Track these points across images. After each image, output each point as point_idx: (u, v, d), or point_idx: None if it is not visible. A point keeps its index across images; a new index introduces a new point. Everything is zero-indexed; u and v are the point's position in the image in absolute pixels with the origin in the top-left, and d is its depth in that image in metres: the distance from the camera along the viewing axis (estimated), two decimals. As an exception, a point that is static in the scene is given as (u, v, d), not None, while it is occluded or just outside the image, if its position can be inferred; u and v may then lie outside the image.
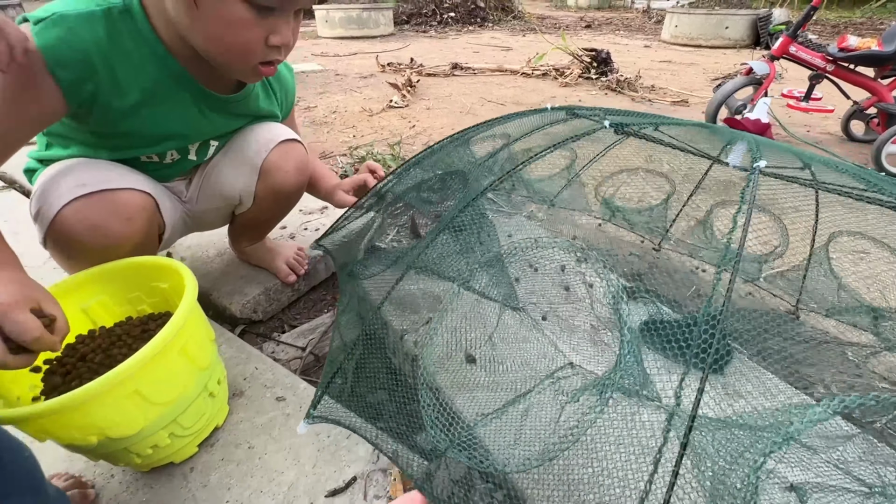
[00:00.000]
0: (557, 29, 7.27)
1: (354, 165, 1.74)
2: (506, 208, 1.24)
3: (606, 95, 3.09)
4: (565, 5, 11.93)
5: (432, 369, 0.62)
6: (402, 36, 6.38)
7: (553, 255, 0.65)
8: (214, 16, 0.54)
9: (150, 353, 0.45)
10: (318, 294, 1.01)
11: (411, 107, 2.78)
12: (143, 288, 0.62)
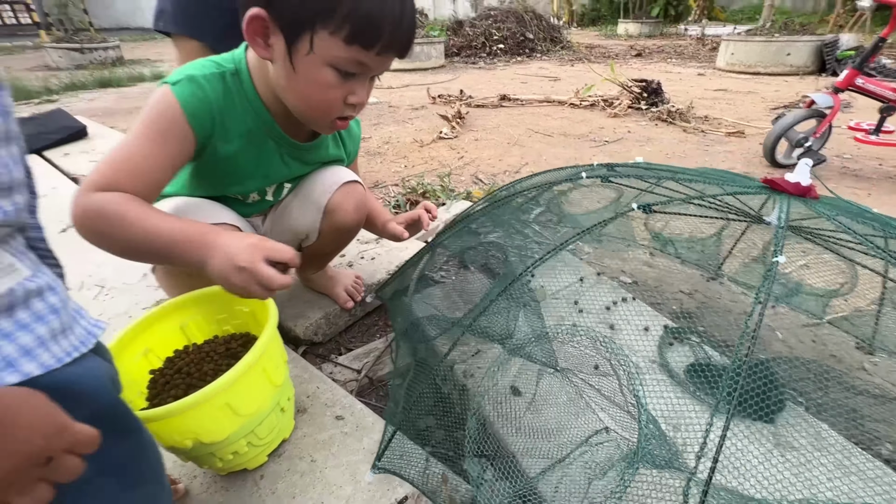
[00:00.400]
0: (607, 58, 7.29)
1: (406, 196, 1.84)
2: (551, 239, 1.27)
3: (657, 126, 3.07)
4: (615, 34, 11.93)
5: (480, 404, 0.66)
6: (453, 67, 6.64)
7: (587, 335, 0.68)
8: (307, 79, 0.65)
9: (240, 371, 0.53)
10: (371, 319, 1.08)
11: (460, 138, 2.89)
12: (228, 311, 0.72)
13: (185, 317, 0.69)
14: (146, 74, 6.27)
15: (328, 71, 0.64)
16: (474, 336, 0.72)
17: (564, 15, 15.62)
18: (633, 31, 11.41)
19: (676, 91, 4.24)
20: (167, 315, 0.67)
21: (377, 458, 0.62)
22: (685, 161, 2.35)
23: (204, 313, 0.71)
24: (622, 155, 2.47)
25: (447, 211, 1.57)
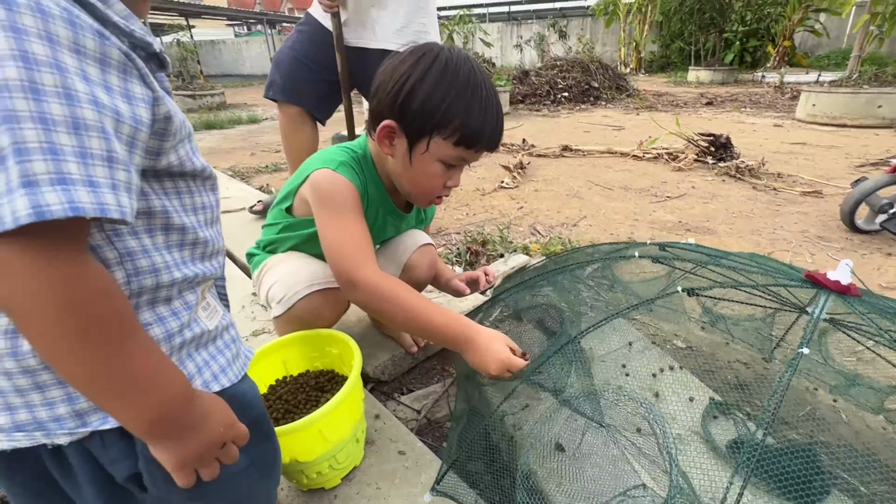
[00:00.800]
0: (675, 106, 7.21)
1: (467, 245, 1.97)
2: (603, 300, 1.33)
3: (724, 182, 3.01)
4: (685, 81, 11.75)
5: (527, 459, 0.74)
6: (516, 115, 6.89)
7: (631, 397, 0.74)
8: (420, 170, 0.84)
9: (334, 405, 0.66)
10: (430, 363, 1.20)
11: (520, 188, 3.02)
12: (320, 350, 0.87)
13: (287, 353, 0.85)
14: (243, 118, 7.13)
15: (437, 165, 0.83)
16: (526, 389, 0.81)
17: (632, 62, 15.68)
18: (704, 78, 11.18)
19: (748, 143, 4.12)
20: (274, 350, 0.83)
21: (436, 483, 0.71)
22: (752, 221, 2.30)
23: (301, 351, 0.86)
24: (685, 212, 2.47)
25: (504, 263, 1.68)
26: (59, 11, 0.29)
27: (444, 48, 0.81)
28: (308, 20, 1.84)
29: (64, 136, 0.29)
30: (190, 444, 0.39)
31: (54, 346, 0.32)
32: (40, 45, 0.28)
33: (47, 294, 0.30)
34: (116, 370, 0.34)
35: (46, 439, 0.38)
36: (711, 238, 2.11)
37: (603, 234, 2.20)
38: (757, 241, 2.07)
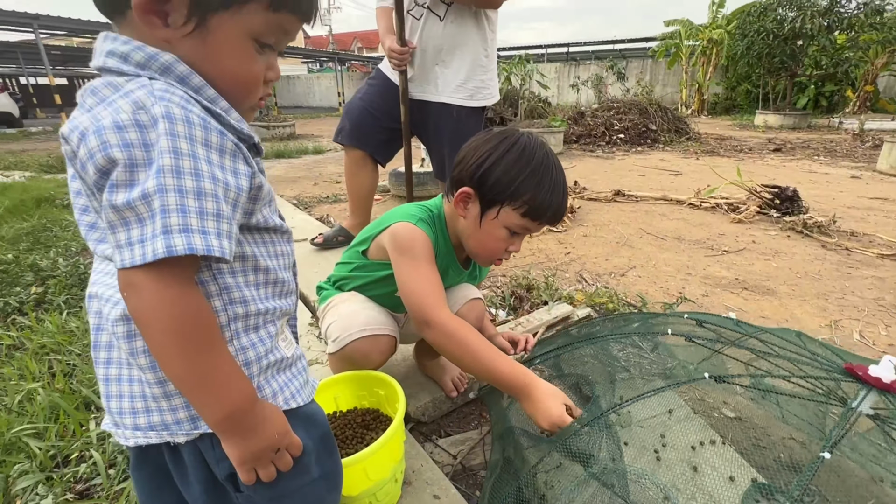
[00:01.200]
0: (738, 152, 6.94)
1: (512, 289, 2.01)
2: (643, 364, 1.31)
3: (788, 238, 2.86)
4: (751, 125, 11.29)
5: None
6: (570, 155, 6.92)
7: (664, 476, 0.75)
8: (488, 234, 0.95)
9: (379, 446, 0.72)
10: (469, 409, 1.23)
11: (569, 232, 3.03)
12: (368, 390, 0.94)
13: (338, 390, 0.93)
14: (309, 148, 7.68)
15: (503, 231, 0.93)
16: (559, 452, 0.83)
17: (694, 103, 15.31)
18: (773, 122, 10.70)
19: (820, 196, 3.89)
20: (328, 386, 0.91)
21: None
22: (819, 283, 2.16)
23: (351, 389, 0.94)
24: (742, 268, 2.37)
25: (548, 311, 1.70)
26: (198, 120, 0.43)
27: (523, 134, 0.94)
28: (378, 75, 2.03)
29: (191, 201, 0.41)
30: (250, 442, 0.48)
31: (161, 348, 0.43)
32: (185, 143, 0.41)
33: (160, 308, 0.41)
34: (201, 371, 0.44)
35: (170, 437, 0.49)
36: (771, 300, 2.01)
37: (652, 286, 2.16)
38: (823, 305, 1.95)
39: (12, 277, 2.34)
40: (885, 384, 0.62)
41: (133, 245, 0.40)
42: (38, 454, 1.12)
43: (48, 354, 1.62)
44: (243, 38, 0.47)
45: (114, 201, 0.39)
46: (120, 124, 0.39)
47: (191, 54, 0.45)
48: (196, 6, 0.43)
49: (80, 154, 0.40)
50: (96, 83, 0.44)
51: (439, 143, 1.99)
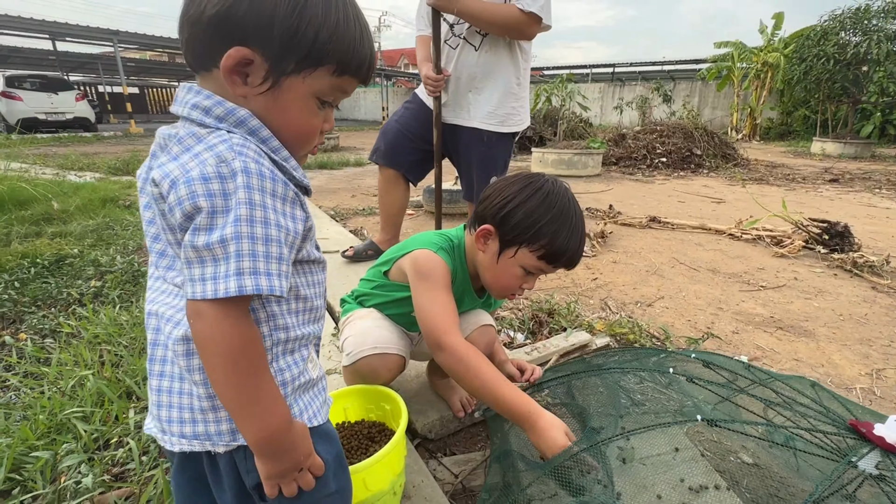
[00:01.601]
0: (790, 181, 6.61)
1: (533, 311, 2.02)
2: (666, 396, 1.28)
3: (835, 276, 2.70)
4: (807, 152, 10.72)
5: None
6: (608, 177, 6.82)
7: None
8: (504, 271, 1.00)
9: (377, 458, 0.77)
10: (476, 429, 1.26)
11: (598, 257, 2.99)
12: (375, 403, 0.99)
13: (348, 402, 0.99)
14: (351, 160, 7.97)
15: (518, 269, 0.98)
16: (551, 480, 0.84)
17: (745, 128, 14.73)
18: (831, 150, 10.12)
19: (876, 233, 3.65)
20: (339, 397, 0.97)
21: None
22: (864, 328, 2.04)
23: (359, 402, 0.99)
24: (780, 306, 2.27)
25: (565, 339, 1.70)
26: (269, 173, 0.50)
27: (549, 180, 0.99)
28: (414, 99, 2.13)
29: (260, 247, 0.48)
30: (280, 462, 0.54)
31: (216, 370, 0.49)
32: (258, 194, 0.48)
33: (221, 336, 0.48)
34: (248, 394, 0.50)
35: (211, 447, 0.55)
36: (807, 342, 1.92)
37: (679, 319, 2.11)
38: (865, 352, 1.84)
39: (76, 270, 2.58)
40: (889, 444, 0.61)
41: (206, 281, 0.46)
42: (84, 436, 1.24)
43: (100, 344, 1.78)
44: (308, 98, 0.54)
45: (195, 242, 0.46)
46: (206, 176, 0.46)
47: (262, 109, 0.52)
48: (272, 70, 0.50)
49: (169, 199, 0.47)
50: (182, 133, 0.50)
51: (469, 165, 2.05)
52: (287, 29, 0.49)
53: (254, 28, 0.48)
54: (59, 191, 4.27)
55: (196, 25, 0.49)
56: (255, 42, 0.49)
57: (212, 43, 0.49)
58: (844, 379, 1.65)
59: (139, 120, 19.86)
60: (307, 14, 0.49)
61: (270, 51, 0.49)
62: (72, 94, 13.19)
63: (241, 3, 0.48)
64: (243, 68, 0.50)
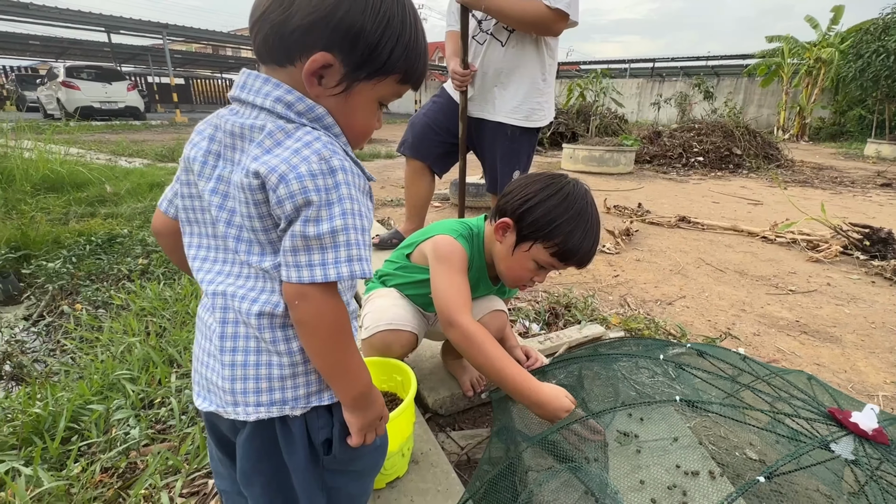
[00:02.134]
0: (837, 184, 6.29)
1: (551, 304, 2.06)
2: (668, 386, 1.31)
3: (872, 284, 2.60)
4: (860, 155, 10.10)
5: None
6: (640, 175, 6.68)
7: None
8: (518, 262, 1.06)
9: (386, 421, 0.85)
10: (485, 409, 1.32)
11: (622, 255, 2.98)
12: (388, 375, 1.07)
13: (365, 372, 1.07)
14: (381, 153, 8.12)
15: (532, 262, 1.04)
16: (545, 453, 0.90)
17: (793, 127, 14.01)
18: (887, 153, 9.51)
19: (924, 242, 3.45)
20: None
21: None
22: (895, 337, 1.97)
23: (374, 373, 1.07)
24: (808, 311, 2.21)
25: (579, 331, 1.73)
26: (356, 170, 0.57)
27: (570, 182, 1.04)
28: (442, 93, 2.19)
29: (360, 236, 0.54)
30: (368, 413, 0.63)
31: (322, 344, 0.56)
32: (354, 190, 0.55)
33: (326, 315, 0.55)
34: (346, 361, 0.58)
35: (289, 411, 0.61)
36: (832, 347, 1.87)
37: (699, 318, 2.10)
38: (892, 360, 1.78)
39: (125, 249, 2.80)
40: (862, 430, 0.63)
41: (314, 266, 0.52)
42: (132, 395, 1.38)
43: (146, 316, 1.94)
44: (373, 101, 0.60)
45: (306, 232, 0.51)
46: (314, 173, 0.52)
47: (332, 108, 0.57)
48: (348, 76, 0.55)
49: (279, 192, 0.51)
50: (270, 126, 0.54)
51: (493, 159, 2.10)
52: (370, 44, 0.54)
53: (341, 39, 0.53)
54: (111, 175, 4.59)
55: (282, 27, 0.53)
56: (338, 50, 0.53)
57: (296, 44, 0.53)
58: (867, 386, 1.62)
59: (184, 110, 20.78)
60: (388, 31, 0.54)
61: (351, 59, 0.54)
62: (124, 85, 13.98)
63: (333, 15, 0.52)
64: (322, 71, 0.54)
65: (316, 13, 0.52)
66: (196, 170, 0.59)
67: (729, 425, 1.36)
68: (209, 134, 0.59)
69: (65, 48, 19.25)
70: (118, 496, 1.06)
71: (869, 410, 0.65)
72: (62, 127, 9.30)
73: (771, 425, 0.75)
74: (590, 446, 0.87)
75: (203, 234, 0.62)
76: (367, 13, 0.53)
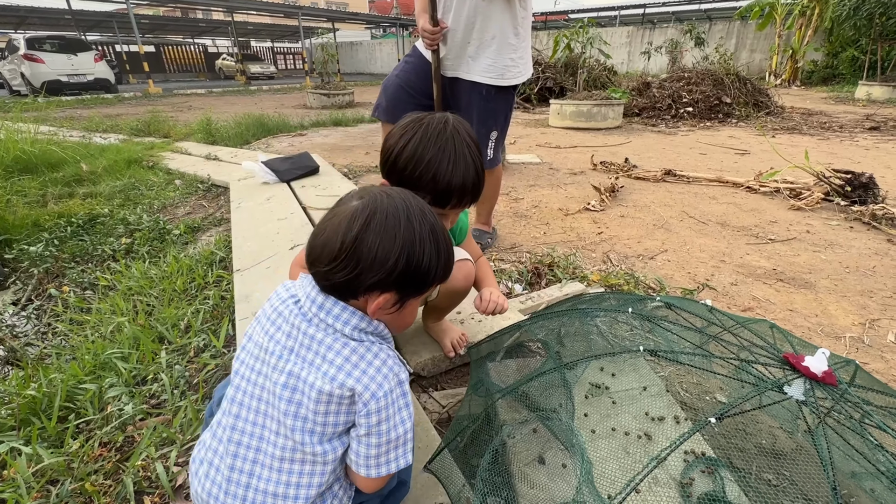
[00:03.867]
0: (825, 130, 6.26)
1: (533, 264, 2.09)
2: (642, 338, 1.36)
3: (851, 229, 2.65)
4: (851, 98, 9.99)
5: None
6: (629, 129, 6.59)
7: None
8: None
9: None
10: (466, 368, 1.37)
11: (606, 212, 3.00)
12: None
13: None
14: (366, 117, 7.90)
15: None
16: (518, 403, 0.95)
17: (785, 72, 13.73)
18: (878, 95, 9.41)
19: (905, 185, 3.49)
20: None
21: (428, 462, 0.89)
22: (868, 280, 2.03)
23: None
24: (785, 259, 2.26)
25: (560, 289, 1.77)
26: (407, 379, 0.70)
27: (424, 122, 0.99)
28: (414, 52, 2.12)
29: (409, 436, 0.69)
30: None
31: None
32: (408, 398, 0.70)
33: (380, 486, 0.73)
34: None
35: None
36: (805, 293, 1.94)
37: (679, 272, 2.14)
38: (864, 303, 1.85)
39: (108, 228, 2.77)
40: (812, 373, 0.67)
41: (390, 462, 0.68)
42: (124, 373, 1.42)
43: (133, 295, 1.95)
44: (418, 304, 0.75)
45: (390, 437, 0.67)
46: (393, 389, 0.66)
47: (386, 320, 0.72)
48: (401, 299, 0.69)
49: (370, 406, 0.65)
50: (348, 349, 0.67)
51: (469, 119, 2.06)
52: (414, 278, 0.68)
53: (393, 283, 0.67)
54: (86, 153, 4.45)
55: (351, 283, 0.65)
56: (396, 289, 0.68)
57: (364, 291, 0.67)
58: (836, 328, 1.68)
59: (158, 79, 19.90)
60: (430, 267, 0.68)
61: (402, 291, 0.68)
62: (90, 55, 13.29)
63: (393, 272, 0.65)
64: (382, 303, 0.68)
65: (381, 273, 0.65)
66: (272, 363, 0.69)
67: (700, 373, 1.43)
68: (287, 331, 0.69)
69: (22, 17, 18.10)
70: (117, 468, 1.11)
71: (820, 354, 0.69)
72: (30, 104, 8.92)
73: (735, 373, 0.80)
74: (553, 395, 0.91)
75: (255, 410, 0.71)
76: (413, 261, 0.66)
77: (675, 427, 0.99)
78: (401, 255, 0.64)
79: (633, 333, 1.29)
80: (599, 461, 0.87)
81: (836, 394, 0.68)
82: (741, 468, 1.03)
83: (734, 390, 1.35)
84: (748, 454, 1.16)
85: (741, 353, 0.80)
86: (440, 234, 0.70)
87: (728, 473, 0.87)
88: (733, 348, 0.82)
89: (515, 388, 0.86)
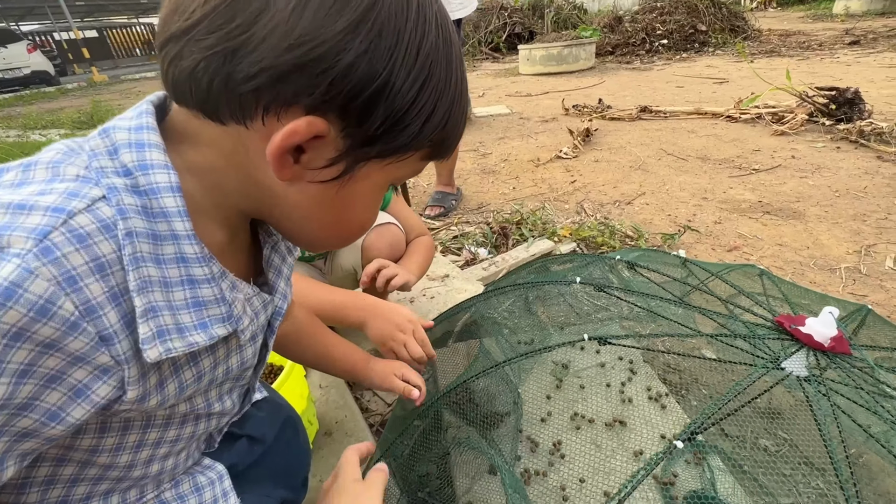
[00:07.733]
0: (805, 49, 5.99)
1: (500, 224, 1.88)
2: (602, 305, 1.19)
3: (838, 150, 2.47)
4: (829, 14, 9.62)
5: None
6: (602, 69, 6.25)
7: None
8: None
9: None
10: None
11: (580, 158, 2.78)
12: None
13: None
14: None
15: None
16: (455, 408, 0.77)
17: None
18: (856, 8, 9.05)
19: (894, 96, 3.29)
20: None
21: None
22: (860, 202, 1.87)
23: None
24: (770, 188, 2.09)
25: (526, 250, 1.58)
26: None
27: None
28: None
29: None
30: None
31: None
32: None
33: None
34: None
35: None
36: (795, 224, 1.77)
37: (659, 214, 1.96)
38: (857, 228, 1.69)
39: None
40: (818, 343, 0.49)
41: None
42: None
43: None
44: (383, 187, 0.38)
45: None
46: None
47: (306, 200, 0.35)
48: (349, 152, 0.33)
49: None
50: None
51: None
52: (396, 110, 0.32)
53: (345, 98, 0.30)
54: (21, 153, 4.08)
55: (233, 61, 0.29)
56: (339, 115, 0.31)
57: (257, 96, 0.30)
58: (830, 260, 1.53)
59: (104, 67, 18.63)
60: (427, 88, 0.32)
61: (358, 129, 0.32)
62: (22, 46, 12.25)
63: (337, 57, 0.29)
64: (306, 144, 0.32)
65: (303, 48, 0.28)
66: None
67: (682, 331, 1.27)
68: None
69: (-56, 11, 16.60)
70: None
71: (827, 315, 0.51)
72: (-38, 106, 8.24)
73: (719, 353, 0.62)
74: (502, 397, 0.74)
75: None
76: (397, 58, 0.30)
77: (653, 406, 0.83)
78: (351, 32, 0.29)
79: (599, 302, 1.12)
80: (568, 460, 0.70)
81: (851, 366, 0.51)
82: (735, 435, 0.88)
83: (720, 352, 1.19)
84: (741, 417, 1.02)
85: (728, 322, 0.63)
86: (446, 21, 0.34)
87: (719, 461, 0.71)
88: (715, 315, 0.65)
89: (449, 390, 0.69)
